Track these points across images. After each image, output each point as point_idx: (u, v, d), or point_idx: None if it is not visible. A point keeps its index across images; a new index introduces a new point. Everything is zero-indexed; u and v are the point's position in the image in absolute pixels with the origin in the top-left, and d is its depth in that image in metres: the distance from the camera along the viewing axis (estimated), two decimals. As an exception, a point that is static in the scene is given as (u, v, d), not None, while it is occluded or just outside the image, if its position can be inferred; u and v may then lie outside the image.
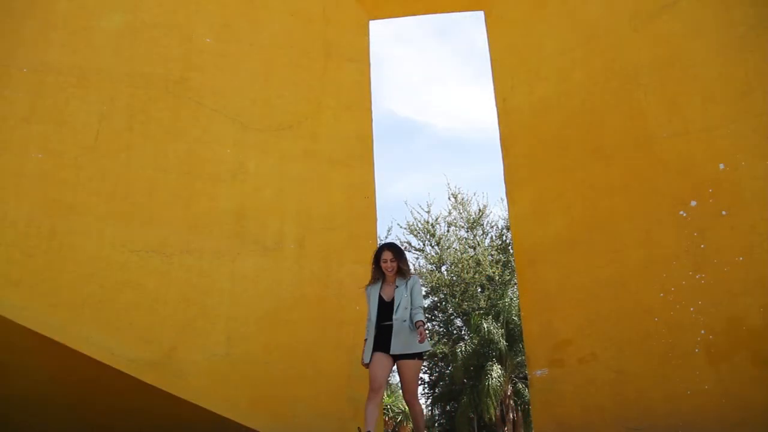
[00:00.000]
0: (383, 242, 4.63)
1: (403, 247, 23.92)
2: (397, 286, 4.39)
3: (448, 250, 21.73)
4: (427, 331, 4.15)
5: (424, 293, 22.23)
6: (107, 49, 5.81)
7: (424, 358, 4.83)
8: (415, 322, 4.22)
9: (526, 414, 18.92)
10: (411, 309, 4.30)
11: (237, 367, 5.31)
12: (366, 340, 4.43)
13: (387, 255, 4.44)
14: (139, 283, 5.27)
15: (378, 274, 4.49)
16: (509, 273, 20.21)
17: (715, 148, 5.05)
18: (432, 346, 21.24)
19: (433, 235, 22.18)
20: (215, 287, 5.48)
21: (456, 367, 19.49)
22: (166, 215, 5.52)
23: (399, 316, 4.27)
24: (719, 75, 5.18)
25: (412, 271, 4.53)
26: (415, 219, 22.53)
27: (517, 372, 19.72)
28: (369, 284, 4.55)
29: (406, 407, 34.44)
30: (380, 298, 4.39)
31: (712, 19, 5.33)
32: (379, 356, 4.26)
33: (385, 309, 4.34)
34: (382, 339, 4.28)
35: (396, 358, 4.28)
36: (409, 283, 4.40)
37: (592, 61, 5.92)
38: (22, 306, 4.85)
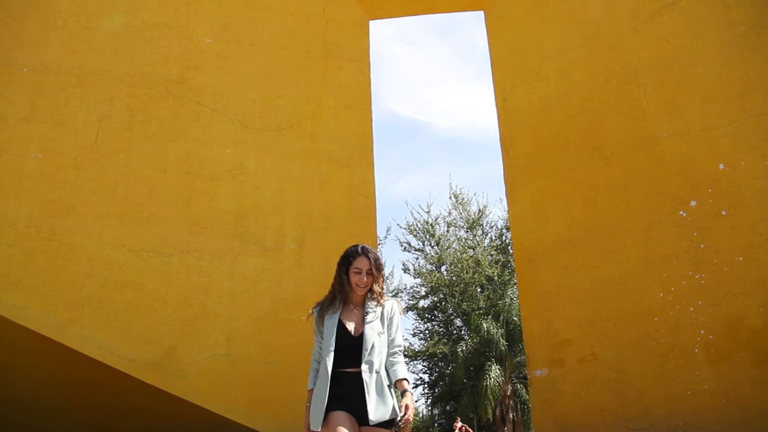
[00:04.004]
0: (357, 245, 3.03)
1: (402, 247, 23.48)
2: (367, 313, 2.89)
3: (448, 250, 21.76)
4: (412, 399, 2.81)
5: (423, 294, 22.12)
6: (107, 49, 5.81)
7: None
8: (397, 382, 2.81)
9: (526, 414, 18.91)
10: (389, 354, 2.86)
11: (237, 367, 5.31)
12: (311, 391, 2.87)
13: (363, 263, 2.92)
14: (139, 283, 5.27)
15: (342, 289, 2.95)
16: (509, 273, 20.25)
17: (715, 148, 5.05)
18: (432, 347, 21.26)
19: (432, 235, 22.22)
20: (215, 287, 5.47)
21: (456, 367, 19.50)
22: (166, 215, 5.52)
23: (373, 362, 2.77)
24: (719, 75, 5.18)
25: (386, 292, 3.04)
26: (415, 219, 22.59)
27: (516, 372, 19.72)
28: (323, 305, 2.98)
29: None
30: (342, 329, 2.85)
31: (712, 19, 5.33)
32: (339, 420, 2.68)
33: (349, 348, 2.80)
34: (343, 394, 2.74)
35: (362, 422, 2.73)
36: (387, 310, 2.93)
37: (592, 61, 5.92)
38: (22, 306, 4.86)
